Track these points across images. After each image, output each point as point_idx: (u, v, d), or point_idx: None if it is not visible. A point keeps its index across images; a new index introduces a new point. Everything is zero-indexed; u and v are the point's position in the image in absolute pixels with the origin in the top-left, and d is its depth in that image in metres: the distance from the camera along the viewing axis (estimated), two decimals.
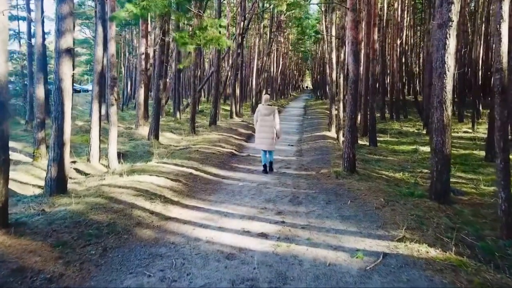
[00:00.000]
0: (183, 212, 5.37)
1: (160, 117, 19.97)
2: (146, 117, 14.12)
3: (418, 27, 33.41)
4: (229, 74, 23.57)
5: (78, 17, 24.92)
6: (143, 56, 13.64)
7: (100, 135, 9.34)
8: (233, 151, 10.70)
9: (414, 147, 12.36)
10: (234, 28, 26.43)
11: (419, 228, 4.56)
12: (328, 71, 26.08)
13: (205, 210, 5.49)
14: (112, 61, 7.89)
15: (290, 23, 43.75)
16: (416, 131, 17.09)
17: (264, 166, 8.08)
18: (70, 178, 8.31)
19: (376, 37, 11.85)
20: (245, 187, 6.81)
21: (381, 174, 8.02)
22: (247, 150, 11.27)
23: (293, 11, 37.66)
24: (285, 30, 40.01)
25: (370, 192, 6.15)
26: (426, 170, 8.78)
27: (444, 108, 5.53)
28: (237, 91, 21.55)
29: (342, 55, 11.16)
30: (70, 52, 5.98)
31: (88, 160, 9.19)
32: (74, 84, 43.68)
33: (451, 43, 5.48)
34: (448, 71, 5.50)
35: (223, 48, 8.41)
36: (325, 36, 24.29)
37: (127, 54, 32.42)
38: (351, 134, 7.25)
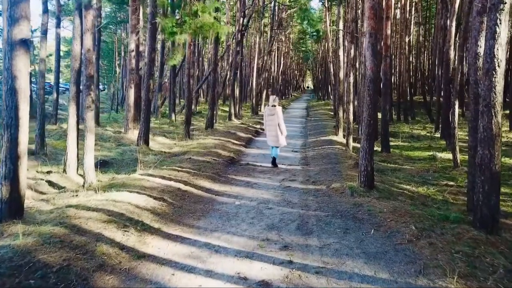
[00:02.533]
0: (162, 245, 4.23)
1: (154, 119, 18.82)
2: (137, 120, 12.97)
3: (422, 26, 32.24)
4: (229, 73, 22.44)
5: (66, 14, 23.81)
6: (133, 54, 12.50)
7: (78, 142, 8.21)
8: (230, 159, 9.56)
9: (430, 153, 11.22)
10: (234, 26, 25.30)
11: (473, 275, 3.41)
12: (331, 70, 24.95)
13: (191, 242, 4.35)
14: (88, 57, 6.76)
15: (291, 22, 42.68)
16: (428, 134, 15.92)
17: (273, 158, 8.90)
18: (41, 193, 7.21)
19: (389, 32, 10.71)
20: (243, 208, 5.67)
21: (402, 189, 6.87)
22: (247, 158, 10.13)
23: (294, 9, 36.62)
24: (286, 29, 38.88)
25: (395, 215, 5.01)
26: (451, 183, 7.65)
27: (493, 114, 4.38)
28: (237, 92, 20.41)
29: (351, 51, 10.03)
30: (26, 43, 4.83)
31: (64, 170, 8.06)
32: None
33: (503, 31, 4.34)
34: (499, 66, 4.35)
35: (220, 36, 7.24)
36: (329, 33, 23.18)
37: (122, 53, 31.28)
38: (369, 143, 6.11)
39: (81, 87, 7.48)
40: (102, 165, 9.51)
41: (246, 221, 5.07)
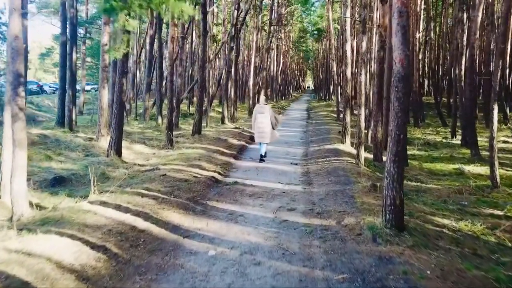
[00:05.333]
0: None
1: (138, 123, 17.03)
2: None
3: (432, 21, 30.37)
4: (223, 72, 20.71)
5: (43, 6, 22.06)
6: (106, 48, 10.75)
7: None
8: (215, 175, 7.81)
9: (454, 166, 9.47)
10: (230, 23, 23.54)
11: None
12: (334, 68, 23.19)
13: None
14: (16, 46, 5.02)
15: (291, 20, 41.07)
16: (444, 141, 14.18)
17: (261, 156, 9.42)
18: None
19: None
20: (219, 262, 3.92)
21: (438, 225, 5.11)
22: (236, 173, 8.37)
23: (294, 6, 34.98)
24: (285, 26, 37.18)
25: (447, 285, 3.26)
26: (497, 212, 5.90)
27: None
28: (231, 92, 18.68)
29: (363, 44, 8.28)
30: None
31: None
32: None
33: None
34: None
35: (179, 16, 5.57)
36: (331, 29, 21.44)
37: None
38: (398, 166, 4.36)
39: (9, 87, 5.69)
40: (58, 182, 7.77)
41: None
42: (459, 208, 6.09)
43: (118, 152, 9.40)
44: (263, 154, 9.45)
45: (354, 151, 10.01)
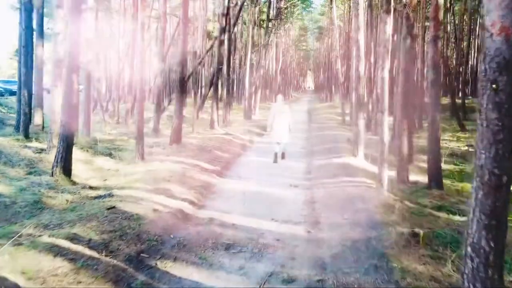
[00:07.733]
0: None
1: (109, 129, 14.88)
2: None
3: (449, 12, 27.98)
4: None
5: None
6: (60, 38, 8.66)
7: None
8: (185, 206, 5.68)
9: None
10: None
11: None
12: (339, 65, 21.08)
13: None
14: None
15: (291, 18, 39.08)
16: (471, 149, 12.06)
17: (282, 155, 9.42)
18: None
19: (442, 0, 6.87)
20: None
21: None
22: (215, 201, 6.23)
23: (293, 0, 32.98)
24: (285, 21, 35.09)
25: None
26: None
27: None
28: (223, 92, 16.58)
29: (387, 27, 6.09)
30: None
31: None
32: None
33: None
34: None
35: None
36: (335, 24, 19.38)
37: None
38: (496, 238, 2.21)
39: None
40: None
41: None
42: None
43: (66, 170, 7.25)
44: (282, 155, 9.41)
45: (371, 168, 7.87)
